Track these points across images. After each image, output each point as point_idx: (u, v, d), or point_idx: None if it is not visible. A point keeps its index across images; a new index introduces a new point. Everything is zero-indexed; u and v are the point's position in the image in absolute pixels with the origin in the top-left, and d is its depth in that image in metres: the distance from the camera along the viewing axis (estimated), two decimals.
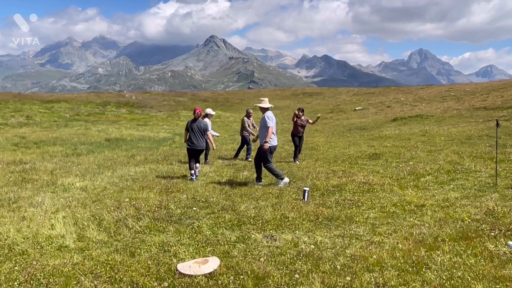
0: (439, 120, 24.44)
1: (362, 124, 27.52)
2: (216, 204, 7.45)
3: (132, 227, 6.10)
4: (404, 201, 7.41)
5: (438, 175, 9.68)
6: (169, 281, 4.30)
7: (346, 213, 6.79)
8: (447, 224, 6.00)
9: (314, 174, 10.38)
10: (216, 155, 14.38)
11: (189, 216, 6.72)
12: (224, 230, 5.97)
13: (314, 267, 4.61)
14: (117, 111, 36.18)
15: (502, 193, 7.66)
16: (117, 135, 22.03)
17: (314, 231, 5.90)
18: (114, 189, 8.89)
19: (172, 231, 5.93)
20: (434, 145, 14.96)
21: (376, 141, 17.82)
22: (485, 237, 5.26)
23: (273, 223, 6.27)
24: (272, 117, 8.98)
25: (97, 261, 4.81)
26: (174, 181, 9.66)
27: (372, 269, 4.52)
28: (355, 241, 5.44)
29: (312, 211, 6.88)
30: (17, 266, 4.72)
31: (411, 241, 5.33)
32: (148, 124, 29.50)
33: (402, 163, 11.63)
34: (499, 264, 4.49)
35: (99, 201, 7.76)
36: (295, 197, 8.04)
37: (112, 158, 13.94)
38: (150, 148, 17.34)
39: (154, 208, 7.09)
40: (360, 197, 7.87)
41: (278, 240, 5.53)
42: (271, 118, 8.95)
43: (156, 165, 12.40)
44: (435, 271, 4.39)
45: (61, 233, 5.79)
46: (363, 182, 9.19)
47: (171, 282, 4.29)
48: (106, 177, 10.27)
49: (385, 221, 6.35)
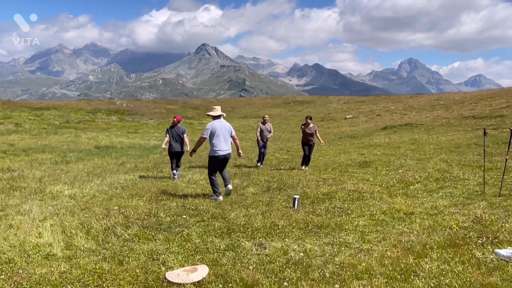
0: (428, 129, 24.66)
1: (352, 132, 27.69)
2: (206, 212, 7.42)
3: (120, 235, 6.05)
4: (393, 209, 7.45)
5: (427, 183, 9.75)
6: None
7: (335, 221, 6.80)
8: (435, 231, 6.03)
9: (304, 182, 10.40)
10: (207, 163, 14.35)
11: (179, 224, 6.69)
12: (214, 238, 5.94)
13: (303, 275, 4.61)
14: (108, 119, 36.03)
15: (490, 201, 7.73)
16: (107, 143, 21.91)
17: (303, 239, 5.90)
18: (103, 197, 8.82)
19: (161, 239, 5.89)
20: (424, 153, 15.09)
21: (366, 149, 17.93)
22: (473, 245, 5.30)
23: (262, 231, 6.26)
24: (214, 127, 8.62)
25: (84, 270, 4.77)
26: (164, 189, 9.62)
27: (361, 276, 4.52)
28: (344, 249, 5.45)
29: (302, 219, 6.89)
30: (3, 275, 4.65)
31: (399, 248, 5.35)
32: (139, 132, 29.42)
33: (391, 171, 11.70)
34: (486, 271, 4.51)
35: (88, 209, 7.69)
36: (285, 205, 8.04)
37: (101, 166, 13.85)
38: (140, 156, 17.26)
39: (144, 216, 7.05)
40: (350, 205, 7.89)
41: (267, 248, 5.51)
42: (210, 128, 8.62)
43: (146, 173, 12.36)
44: (423, 278, 4.41)
45: (49, 241, 5.72)
46: (353, 190, 9.23)
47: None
48: (95, 185, 10.20)
49: (374, 228, 6.37)
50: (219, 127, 8.66)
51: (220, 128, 8.65)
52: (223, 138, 8.67)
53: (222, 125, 8.71)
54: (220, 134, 8.63)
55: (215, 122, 8.72)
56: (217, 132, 8.59)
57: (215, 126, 8.63)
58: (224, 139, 8.70)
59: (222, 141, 8.67)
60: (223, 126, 8.72)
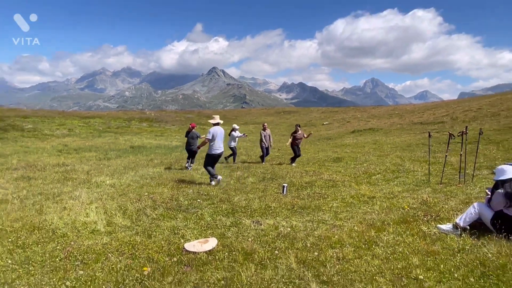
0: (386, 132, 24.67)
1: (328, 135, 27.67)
2: (215, 196, 7.41)
3: (149, 215, 6.04)
4: (360, 194, 7.45)
5: (385, 174, 9.75)
6: (178, 257, 4.26)
7: (315, 203, 6.80)
8: (391, 211, 6.03)
9: (291, 174, 10.39)
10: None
11: (194, 206, 6.68)
12: (222, 217, 5.93)
13: (290, 245, 4.60)
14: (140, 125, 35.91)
15: (433, 188, 7.74)
16: (139, 143, 21.85)
17: (290, 217, 5.89)
18: (136, 185, 8.79)
19: (181, 218, 5.87)
20: (383, 151, 15.09)
21: (339, 148, 17.93)
22: (420, 221, 5.29)
23: (259, 211, 6.25)
24: (215, 131, 8.70)
25: (122, 242, 4.75)
26: (183, 179, 9.60)
27: (334, 246, 4.52)
28: (322, 225, 5.44)
29: (289, 202, 6.88)
30: (59, 246, 4.64)
31: (364, 224, 5.35)
32: (164, 135, 29.33)
33: (358, 164, 11.70)
34: (430, 242, 4.52)
35: (124, 195, 7.67)
36: (276, 191, 8.03)
37: (135, 161, 13.82)
38: (165, 154, 17.22)
39: (167, 200, 7.03)
40: (326, 191, 7.89)
41: (263, 224, 5.51)
42: (212, 132, 8.68)
43: (169, 167, 12.32)
44: (382, 247, 4.41)
45: (94, 220, 5.71)
46: (328, 179, 9.23)
47: (179, 258, 4.24)
48: (130, 176, 10.17)
49: (345, 209, 6.37)
50: (218, 131, 8.83)
51: (220, 133, 8.85)
52: (220, 140, 8.86)
53: (221, 131, 8.91)
54: (219, 137, 8.81)
55: (215, 128, 8.86)
56: (217, 135, 8.76)
57: (216, 130, 8.78)
58: (221, 141, 8.89)
59: (220, 143, 8.87)
60: (220, 131, 8.90)
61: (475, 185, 7.65)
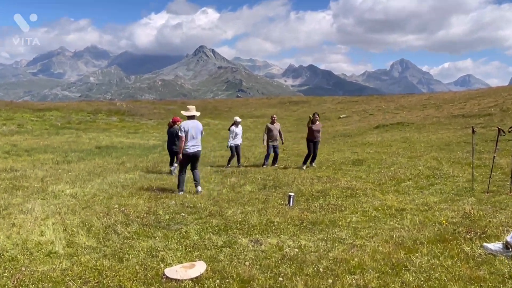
0: (419, 127, 24.71)
1: (346, 131, 27.71)
2: (203, 209, 7.42)
3: (121, 233, 6.05)
4: (385, 206, 7.46)
5: (418, 180, 9.77)
6: (156, 286, 4.27)
7: (329, 217, 6.81)
8: (425, 227, 6.05)
9: (299, 180, 10.40)
10: (205, 161, 14.35)
11: (177, 221, 6.69)
12: (211, 235, 5.94)
13: (298, 270, 4.61)
14: (108, 119, 35.91)
15: (478, 197, 7.76)
16: (107, 143, 21.87)
17: (298, 235, 5.90)
18: (104, 195, 8.81)
19: (160, 237, 5.89)
20: (415, 151, 15.12)
21: (360, 147, 17.96)
22: (462, 240, 5.31)
23: (259, 227, 6.26)
24: (186, 126, 9.01)
25: (86, 267, 4.76)
26: (163, 188, 9.61)
27: (353, 271, 4.53)
28: (338, 245, 5.46)
29: (297, 215, 6.89)
30: (6, 272, 4.64)
31: (391, 244, 5.36)
32: (139, 132, 29.36)
33: (384, 168, 11.72)
34: (474, 265, 4.53)
35: (89, 207, 7.67)
36: (281, 202, 8.05)
37: (102, 165, 13.83)
38: (140, 155, 17.23)
39: (143, 214, 7.04)
40: (343, 202, 7.90)
41: (263, 244, 5.52)
42: (183, 127, 9.01)
43: (145, 172, 12.34)
44: (413, 272, 4.42)
45: (51, 239, 5.71)
46: (346, 187, 9.24)
47: (158, 287, 4.26)
48: (96, 184, 10.18)
49: (367, 224, 6.38)
50: (192, 126, 9.06)
51: (193, 128, 9.06)
52: (194, 136, 9.07)
53: (194, 125, 9.12)
54: (192, 133, 9.02)
55: (188, 122, 9.12)
56: (189, 131, 8.98)
57: (188, 125, 9.04)
58: (195, 138, 9.10)
59: (193, 140, 9.08)
60: (195, 126, 9.12)
61: None
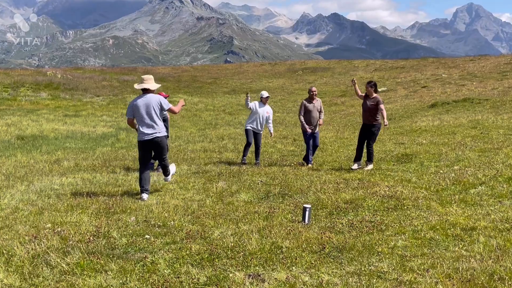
0: (496, 106, 24.71)
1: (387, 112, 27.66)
2: (178, 229, 7.41)
3: (56, 265, 6.03)
4: (447, 223, 7.47)
5: (495, 185, 9.77)
6: None
7: (363, 240, 6.82)
8: (507, 255, 6.06)
9: (318, 185, 10.41)
10: (179, 158, 14.35)
11: (140, 247, 6.67)
12: (190, 268, 5.93)
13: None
14: (35, 96, 35.81)
15: None
16: (34, 131, 21.81)
17: (318, 267, 5.90)
18: (30, 209, 8.77)
19: (114, 270, 5.87)
20: (490, 141, 15.13)
21: (407, 136, 17.98)
22: None
23: (260, 256, 6.26)
24: (134, 104, 9.41)
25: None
26: (118, 197, 9.58)
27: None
28: (377, 281, 5.46)
29: (315, 237, 6.90)
30: None
31: (455, 280, 5.37)
32: (81, 115, 29.24)
33: (443, 167, 11.73)
34: None
35: (8, 227, 7.65)
36: (292, 218, 8.05)
37: (27, 165, 13.80)
38: (83, 150, 17.21)
39: (89, 237, 7.02)
40: (384, 218, 7.91)
41: (267, 280, 5.52)
42: (131, 106, 9.49)
43: (92, 174, 12.31)
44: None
45: None
46: (388, 195, 9.25)
47: None
48: (19, 192, 10.16)
49: (420, 251, 6.39)
50: (142, 104, 9.33)
51: (142, 106, 9.31)
52: (145, 118, 9.32)
53: (145, 102, 9.34)
54: (143, 113, 9.31)
55: (137, 99, 9.46)
56: (138, 111, 9.32)
57: (134, 103, 9.41)
58: (147, 120, 9.34)
59: (145, 122, 9.35)
60: (147, 103, 9.32)
61: None
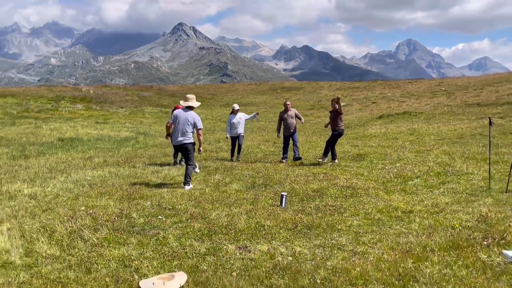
0: (428, 118, 24.91)
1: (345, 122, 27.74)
2: (184, 211, 7.40)
3: (88, 239, 5.99)
4: (390, 207, 7.52)
5: (427, 178, 9.86)
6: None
7: (327, 220, 6.84)
8: (436, 232, 6.10)
9: (292, 177, 10.43)
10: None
11: (154, 225, 6.65)
12: (193, 241, 5.92)
13: (291, 281, 4.61)
14: (73, 107, 35.54)
15: (496, 198, 7.85)
16: (72, 134, 21.64)
17: (292, 241, 5.92)
18: (68, 196, 8.71)
19: (134, 243, 5.84)
20: (423, 144, 15.25)
21: (361, 140, 18.05)
22: (478, 246, 5.36)
23: (247, 232, 6.26)
24: (178, 116, 9.76)
25: (47, 279, 4.70)
26: (137, 187, 9.55)
27: (355, 283, 4.55)
28: (337, 252, 5.48)
29: (290, 218, 6.91)
30: None
31: (397, 251, 5.39)
32: (108, 122, 29.08)
33: (388, 164, 11.80)
34: (492, 276, 4.57)
35: (51, 210, 7.59)
36: (272, 203, 8.06)
37: (66, 161, 13.68)
38: (110, 149, 17.09)
39: (114, 217, 6.99)
40: (342, 203, 7.94)
41: (252, 251, 5.52)
42: (174, 115, 9.89)
43: (116, 168, 12.23)
44: (423, 284, 4.45)
45: (6, 247, 5.63)
46: (346, 186, 9.29)
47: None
48: (59, 182, 10.07)
49: (370, 229, 6.42)
50: (181, 117, 9.70)
51: (182, 118, 9.67)
52: (178, 128, 9.68)
53: (185, 116, 9.68)
54: (180, 123, 9.67)
55: (180, 111, 9.88)
56: (178, 121, 9.70)
57: (177, 115, 9.77)
58: (180, 130, 9.67)
59: (178, 131, 9.72)
60: (184, 117, 9.68)
61: None
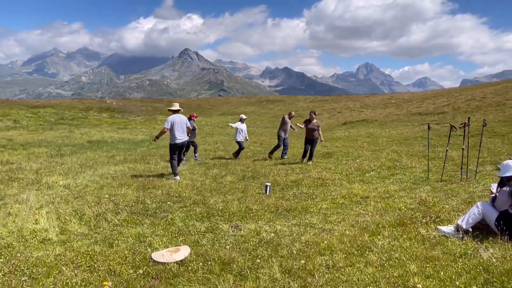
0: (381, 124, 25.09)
1: None
2: (188, 198, 7.36)
3: (111, 220, 5.94)
4: (352, 194, 7.56)
5: (380, 171, 9.93)
6: (144, 269, 4.21)
7: (302, 204, 6.85)
8: (387, 212, 6.15)
9: (275, 171, 10.44)
10: (188, 155, 14.22)
11: (164, 210, 6.62)
12: (195, 222, 5.90)
13: (273, 252, 4.62)
14: (99, 116, 35.20)
15: (433, 186, 7.93)
16: (98, 137, 21.42)
17: (274, 221, 5.92)
18: (94, 186, 8.63)
19: (147, 224, 5.81)
20: (377, 145, 15.35)
21: (329, 142, 18.11)
22: (418, 223, 5.41)
23: (238, 214, 6.25)
24: (173, 119, 9.44)
25: (77, 252, 4.66)
26: (150, 179, 9.47)
27: (323, 252, 4.57)
28: (309, 229, 5.49)
29: (273, 203, 6.91)
30: (2, 258, 4.50)
31: (356, 228, 5.43)
32: (128, 127, 28.83)
33: (350, 160, 11.87)
34: (429, 246, 4.63)
35: (81, 197, 7.51)
36: (258, 191, 8.06)
37: (93, 158, 13.54)
38: (129, 149, 16.94)
39: (132, 203, 6.93)
40: (314, 191, 7.97)
41: (242, 229, 5.51)
42: (170, 120, 9.44)
43: (134, 164, 12.13)
44: (376, 253, 4.49)
45: (45, 227, 5.57)
46: (317, 177, 9.32)
47: (145, 270, 4.20)
48: (88, 175, 9.97)
49: (335, 211, 6.45)
50: (178, 120, 9.50)
51: (179, 121, 9.49)
52: (180, 129, 9.51)
53: (180, 119, 9.54)
54: (179, 125, 9.46)
55: (174, 116, 9.54)
56: (176, 124, 9.42)
57: (174, 119, 9.47)
58: (182, 130, 9.53)
59: (180, 132, 9.50)
60: (181, 120, 9.55)
61: (478, 182, 7.88)
